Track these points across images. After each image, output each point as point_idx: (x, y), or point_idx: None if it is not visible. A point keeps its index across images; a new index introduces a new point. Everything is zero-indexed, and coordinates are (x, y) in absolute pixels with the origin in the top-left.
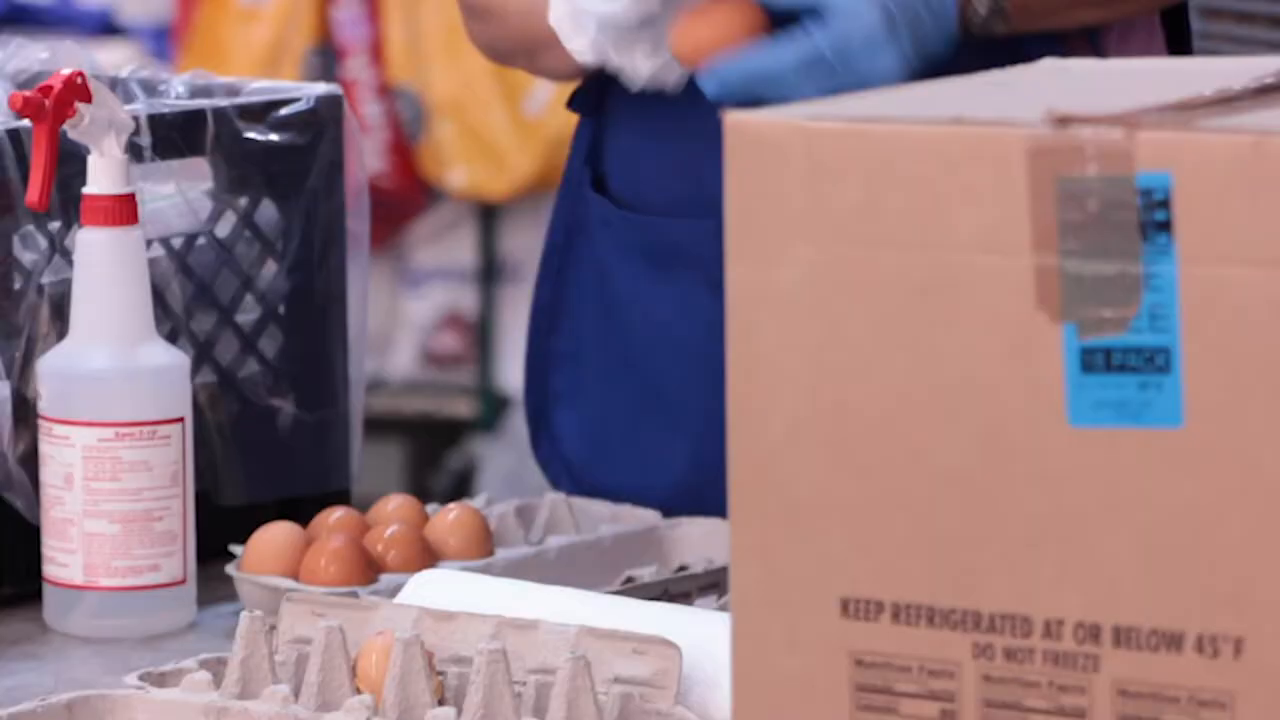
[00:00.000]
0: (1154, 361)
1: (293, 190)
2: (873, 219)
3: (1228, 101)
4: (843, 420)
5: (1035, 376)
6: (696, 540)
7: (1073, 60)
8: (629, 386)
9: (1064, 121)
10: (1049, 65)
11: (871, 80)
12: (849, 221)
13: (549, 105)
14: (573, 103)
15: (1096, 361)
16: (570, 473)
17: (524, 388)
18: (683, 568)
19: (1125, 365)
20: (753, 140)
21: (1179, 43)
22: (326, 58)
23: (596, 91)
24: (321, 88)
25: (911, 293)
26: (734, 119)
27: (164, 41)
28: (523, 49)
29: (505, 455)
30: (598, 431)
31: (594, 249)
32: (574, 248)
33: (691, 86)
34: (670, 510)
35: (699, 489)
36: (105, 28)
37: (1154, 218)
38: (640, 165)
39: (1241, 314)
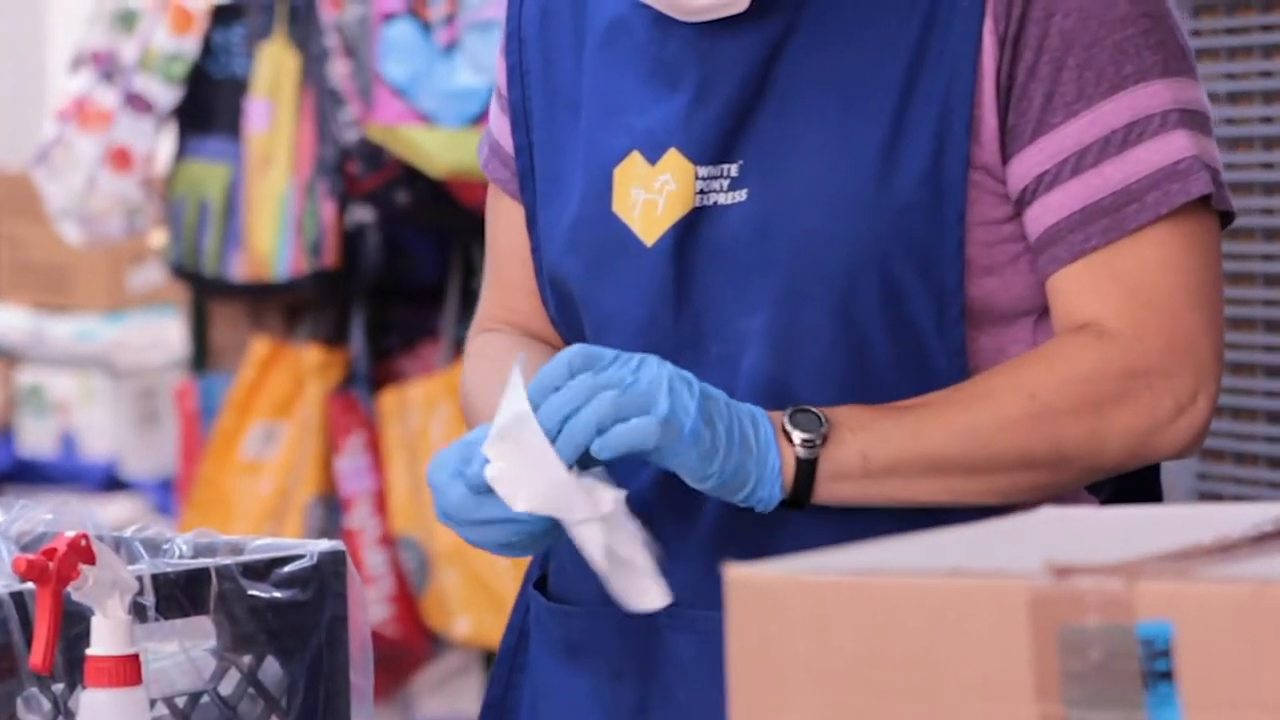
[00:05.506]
0: None
1: (297, 646)
2: (874, 669)
3: (1227, 550)
4: None
5: None
6: None
7: (1071, 509)
8: None
9: (1064, 572)
10: (1047, 514)
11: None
12: (851, 671)
13: None
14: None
15: None
16: None
17: None
18: None
19: None
20: (754, 594)
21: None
22: (330, 508)
23: None
24: (324, 544)
25: None
26: (735, 573)
27: (168, 494)
28: None
29: None
30: None
31: (533, 648)
32: (523, 650)
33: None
34: None
35: None
36: (109, 482)
37: (1156, 667)
38: (571, 556)
39: None
